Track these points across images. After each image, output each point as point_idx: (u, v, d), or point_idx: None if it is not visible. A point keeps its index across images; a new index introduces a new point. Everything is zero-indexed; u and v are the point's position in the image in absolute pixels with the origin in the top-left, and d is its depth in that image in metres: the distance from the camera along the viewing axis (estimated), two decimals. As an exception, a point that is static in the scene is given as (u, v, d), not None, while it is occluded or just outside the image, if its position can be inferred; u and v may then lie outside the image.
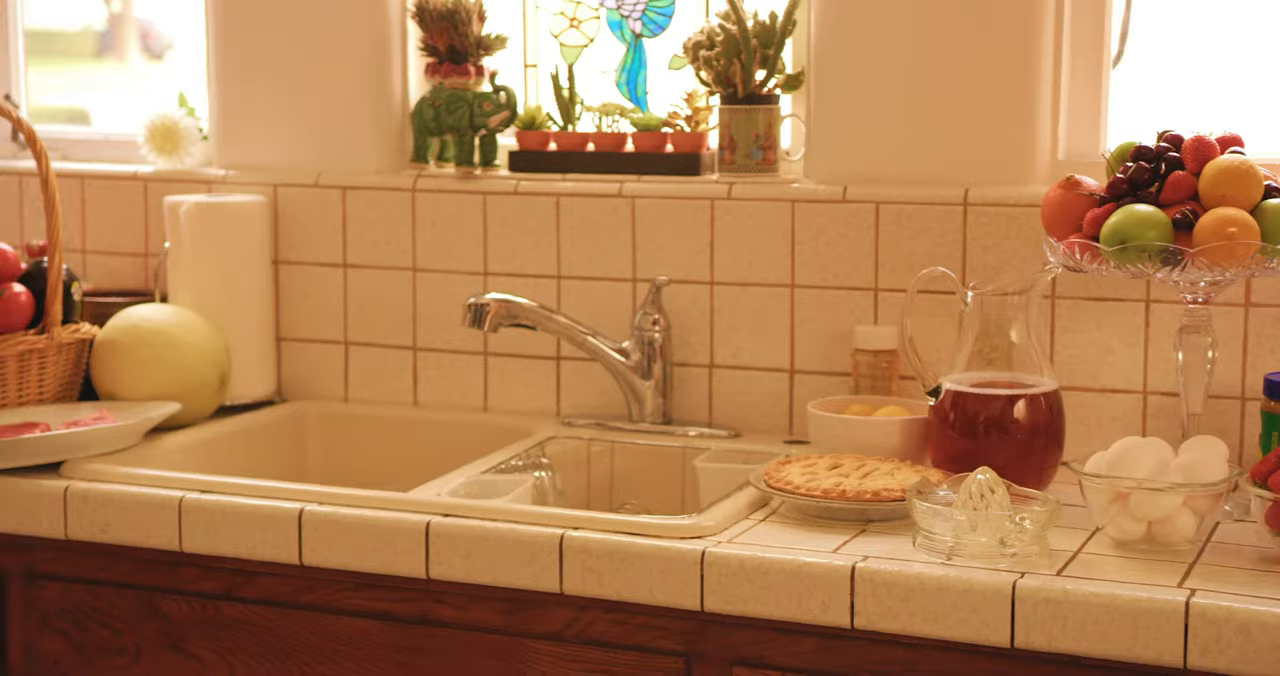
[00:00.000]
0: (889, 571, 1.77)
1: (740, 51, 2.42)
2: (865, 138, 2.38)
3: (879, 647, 1.80)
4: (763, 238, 2.42)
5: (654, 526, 1.90)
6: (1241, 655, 1.64)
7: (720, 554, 1.84)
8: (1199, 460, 1.85)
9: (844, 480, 2.00)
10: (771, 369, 2.44)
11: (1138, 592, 1.69)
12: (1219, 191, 1.91)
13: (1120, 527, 1.86)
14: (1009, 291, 2.09)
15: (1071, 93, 2.34)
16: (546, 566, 1.91)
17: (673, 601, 1.86)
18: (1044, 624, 1.71)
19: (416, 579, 1.98)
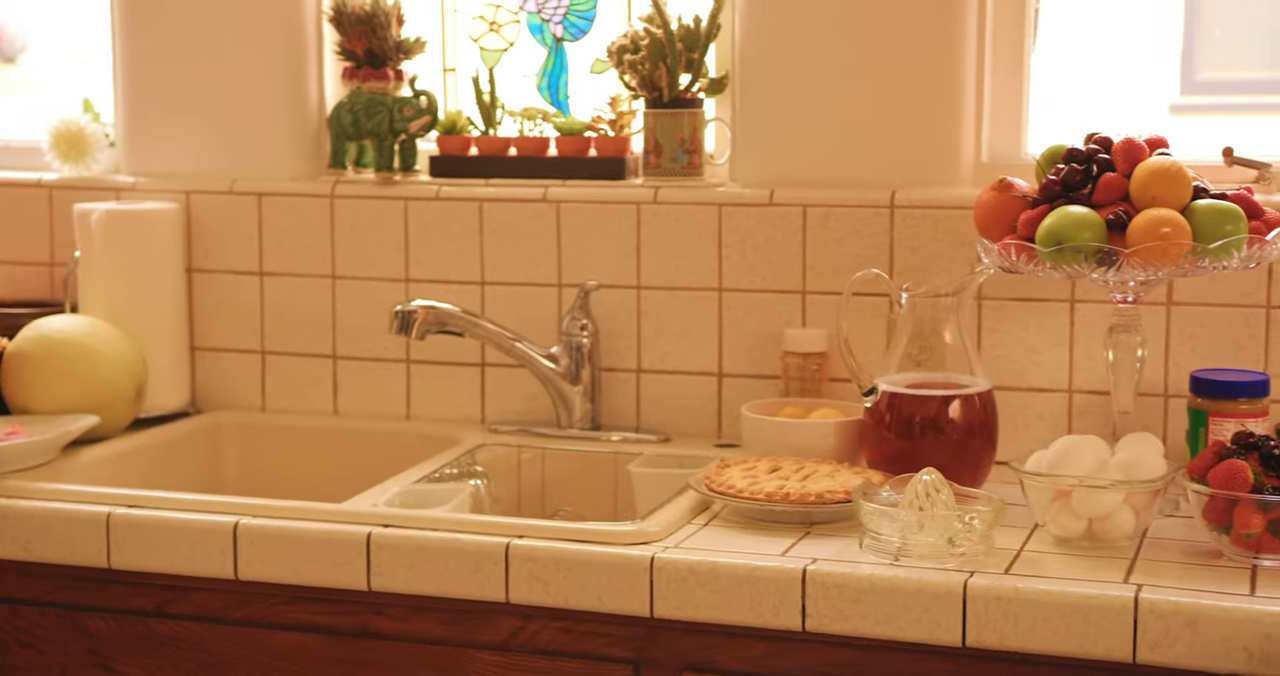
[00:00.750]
0: (840, 573, 1.77)
1: (666, 55, 2.42)
2: (791, 141, 2.39)
3: (830, 650, 1.80)
4: (690, 241, 2.42)
5: (600, 533, 1.89)
6: (1190, 649, 1.67)
7: (670, 559, 1.83)
8: (1137, 457, 1.88)
9: (786, 483, 2.00)
10: (699, 372, 2.44)
11: (1087, 589, 1.71)
12: (1150, 192, 1.94)
13: (1061, 525, 1.88)
14: (942, 293, 2.11)
15: (994, 96, 2.37)
16: (492, 575, 1.89)
17: (621, 608, 1.85)
18: (995, 622, 1.72)
19: (357, 591, 1.95)
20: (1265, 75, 2.55)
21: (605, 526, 1.91)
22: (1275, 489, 1.80)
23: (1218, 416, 2.05)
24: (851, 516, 1.97)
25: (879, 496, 1.89)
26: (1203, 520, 1.86)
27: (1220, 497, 1.81)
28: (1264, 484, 1.80)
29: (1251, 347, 2.21)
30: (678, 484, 2.17)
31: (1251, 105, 2.57)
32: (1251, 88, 2.57)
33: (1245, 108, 2.60)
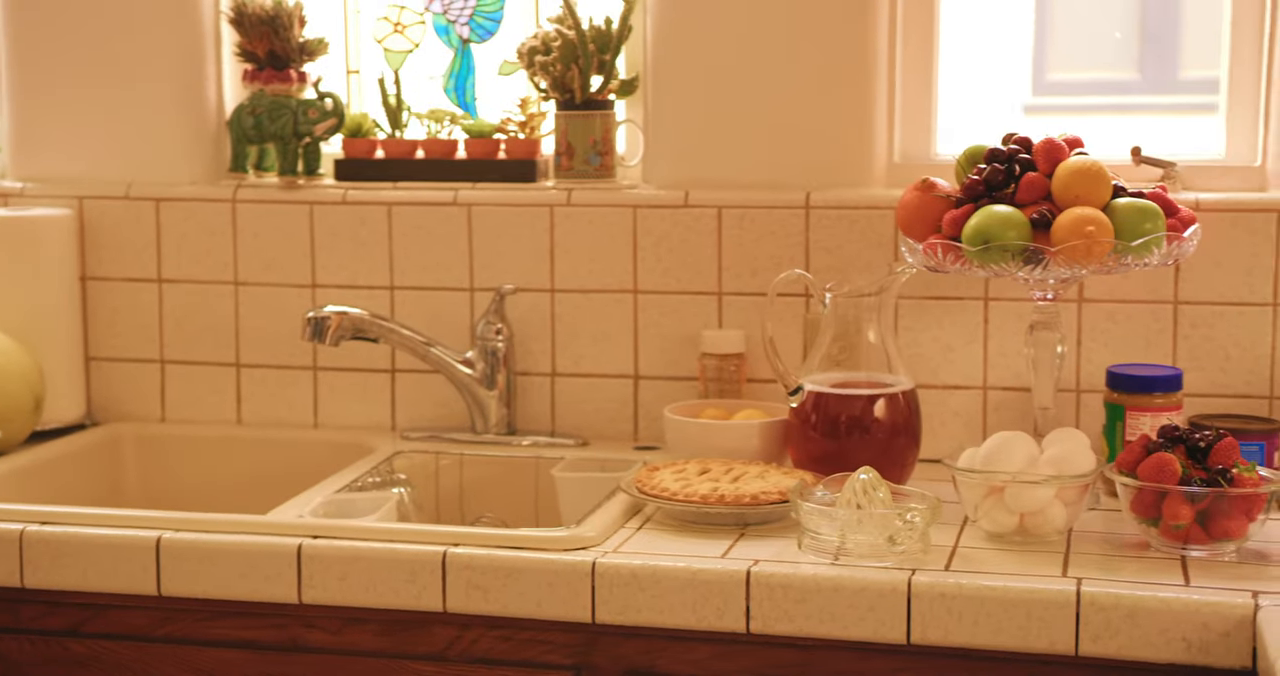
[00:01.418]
0: (784, 574, 1.78)
1: (578, 57, 2.40)
2: (705, 143, 2.39)
3: (774, 651, 1.80)
4: (604, 244, 2.41)
5: (536, 539, 1.87)
6: (1130, 640, 1.70)
7: (611, 564, 1.82)
8: (1067, 452, 1.90)
9: (718, 485, 2.00)
10: (615, 375, 2.43)
11: (1029, 584, 1.73)
12: (1073, 191, 1.97)
13: (994, 520, 1.90)
14: (865, 293, 2.12)
15: (904, 97, 2.39)
16: (428, 585, 1.86)
17: (562, 614, 1.83)
18: (939, 619, 1.74)
19: (286, 604, 1.91)
20: (1111, 76, 2.61)
21: (541, 532, 1.90)
22: (1203, 481, 1.83)
23: (1134, 410, 2.09)
24: (785, 517, 1.97)
25: (814, 496, 1.90)
26: (1131, 513, 1.89)
27: (1149, 490, 1.85)
28: (1191, 476, 1.84)
29: (1160, 342, 2.26)
30: (602, 488, 2.16)
31: (1099, 105, 2.62)
32: (1099, 88, 2.62)
33: (1093, 108, 2.66)
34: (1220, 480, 1.82)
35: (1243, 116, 2.31)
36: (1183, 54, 2.56)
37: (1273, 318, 2.23)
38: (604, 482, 2.18)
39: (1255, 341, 2.23)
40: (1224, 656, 1.68)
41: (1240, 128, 2.32)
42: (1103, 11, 2.50)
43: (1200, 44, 2.36)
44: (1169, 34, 2.52)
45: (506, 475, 2.34)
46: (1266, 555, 1.86)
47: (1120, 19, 2.54)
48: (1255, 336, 2.23)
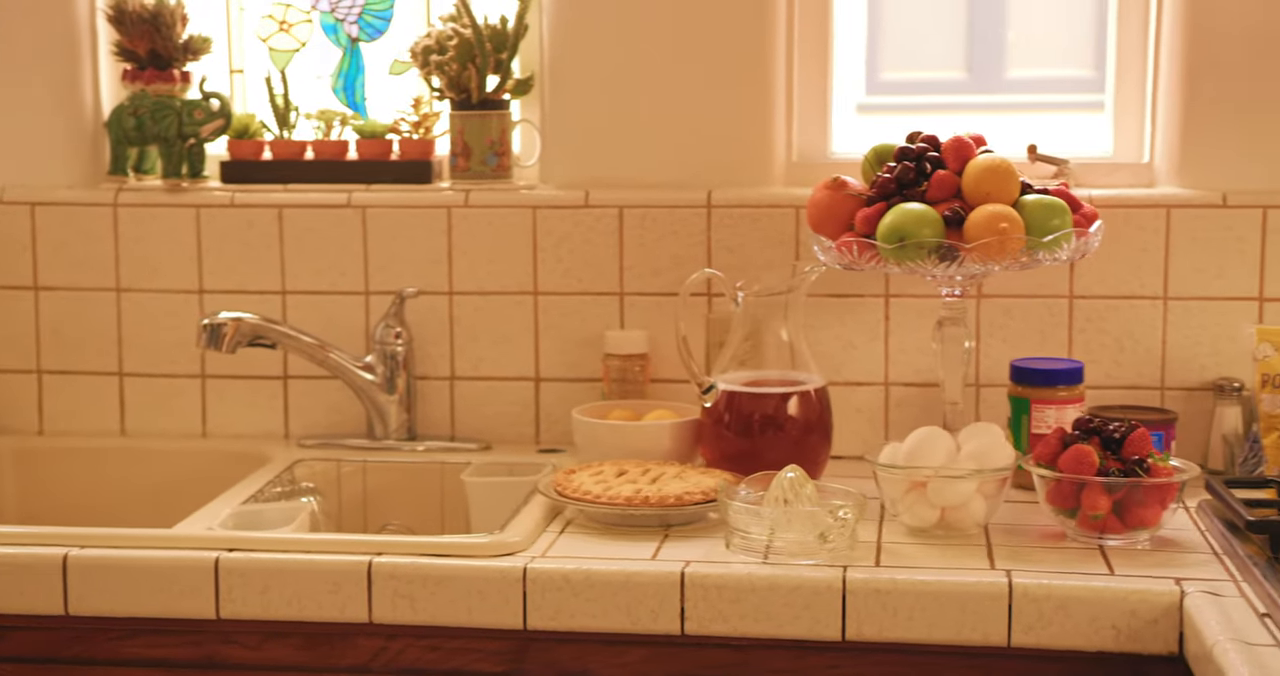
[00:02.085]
0: (719, 574, 1.77)
1: (475, 56, 2.37)
2: (604, 142, 2.38)
3: (708, 651, 1.80)
4: (503, 245, 2.38)
5: (463, 546, 1.84)
6: (1062, 630, 1.73)
7: (543, 569, 1.79)
8: (985, 446, 1.93)
9: (638, 486, 1.99)
10: (516, 378, 2.41)
11: (962, 577, 1.75)
12: (984, 189, 2.00)
13: (916, 515, 1.92)
14: (777, 291, 2.13)
15: (801, 96, 2.40)
16: (353, 595, 1.82)
17: (493, 622, 1.81)
18: (874, 615, 1.75)
19: (203, 620, 1.85)
20: (941, 75, 2.67)
21: (467, 539, 1.87)
22: (1119, 471, 1.87)
23: (1039, 403, 2.13)
24: (706, 517, 1.97)
25: (738, 495, 1.90)
26: (1048, 504, 1.92)
27: (1068, 482, 1.88)
28: (1108, 467, 1.88)
29: (1056, 336, 2.30)
30: (513, 492, 2.13)
31: (930, 104, 2.68)
32: (930, 88, 2.68)
33: (924, 107, 2.72)
34: (1138, 470, 1.86)
35: (1129, 115, 2.37)
36: (1009, 54, 2.62)
37: (1163, 311, 2.28)
38: (514, 487, 2.16)
39: (1146, 333, 2.29)
40: (1151, 643, 1.72)
41: (1127, 126, 2.37)
42: (932, 12, 2.54)
43: (1026, 44, 2.41)
44: (995, 35, 2.57)
45: (410, 481, 2.31)
46: (1178, 542, 1.90)
47: (949, 20, 2.60)
48: (1147, 329, 2.29)
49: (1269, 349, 2.12)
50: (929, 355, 2.30)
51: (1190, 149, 2.28)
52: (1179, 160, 2.29)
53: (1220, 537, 1.91)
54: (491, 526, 2.10)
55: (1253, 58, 2.24)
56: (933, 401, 2.31)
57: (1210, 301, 2.28)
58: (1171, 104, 2.30)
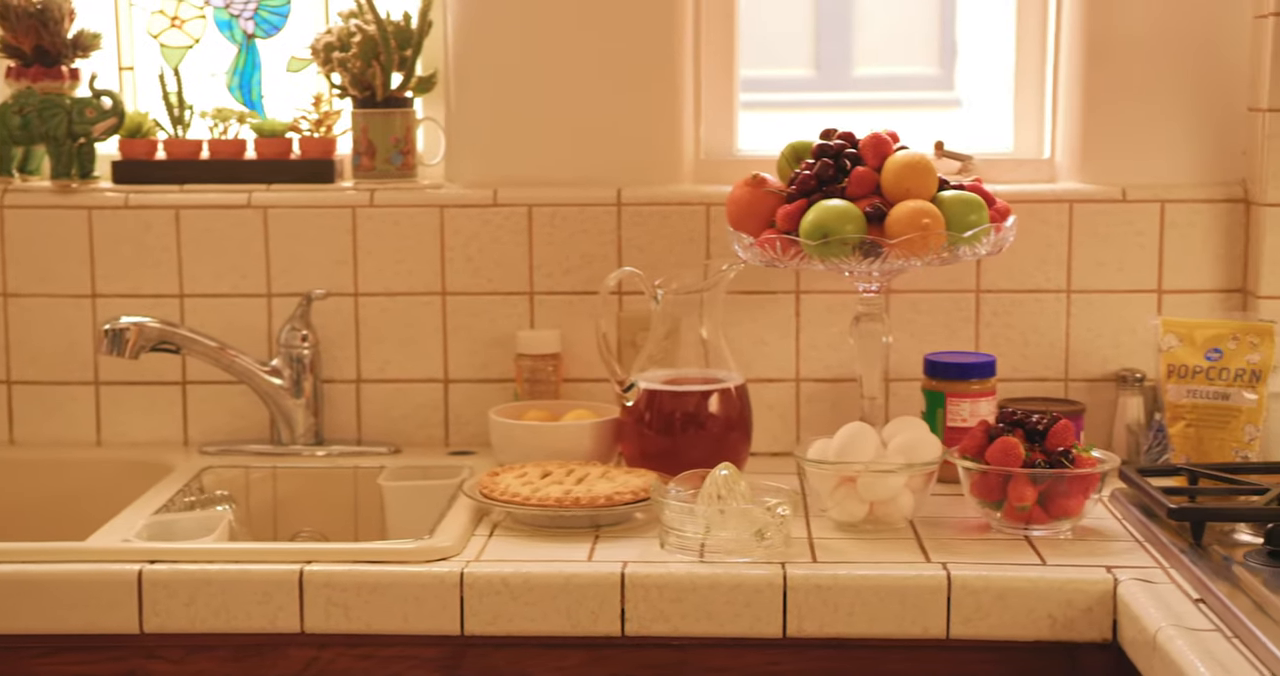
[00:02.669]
0: (659, 574, 1.76)
1: (379, 53, 2.33)
2: (511, 140, 2.35)
3: (648, 652, 1.79)
4: (410, 245, 2.35)
5: (396, 552, 1.81)
6: (999, 621, 1.75)
7: (481, 573, 1.77)
8: (912, 441, 1.95)
9: (564, 486, 1.97)
10: (424, 380, 2.37)
11: (901, 571, 1.76)
12: (904, 185, 2.02)
13: (845, 510, 1.93)
14: (697, 289, 2.13)
15: (708, 94, 2.40)
16: (284, 605, 1.78)
17: (429, 628, 1.78)
18: (815, 611, 1.75)
19: (126, 635, 1.80)
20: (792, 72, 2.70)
21: (399, 545, 1.83)
22: (1045, 462, 1.90)
23: (954, 397, 2.15)
24: (632, 517, 1.96)
25: (669, 494, 1.89)
26: (974, 496, 1.95)
27: (994, 473, 1.90)
28: (1034, 459, 1.90)
29: (964, 330, 2.33)
30: (431, 496, 2.11)
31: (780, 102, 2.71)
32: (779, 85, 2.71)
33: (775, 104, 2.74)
34: (1064, 461, 1.89)
35: (1029, 111, 2.41)
36: (855, 52, 2.65)
37: (1066, 304, 2.33)
38: (433, 491, 2.13)
39: (1051, 327, 2.33)
40: (1086, 631, 1.74)
41: (1027, 122, 2.41)
42: (780, 10, 2.56)
43: (872, 43, 2.44)
44: (842, 33, 2.60)
45: (321, 487, 2.26)
46: (1100, 531, 1.94)
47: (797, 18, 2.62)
48: (1051, 322, 2.33)
49: (1174, 340, 2.16)
50: (839, 351, 2.33)
51: (1090, 145, 2.33)
52: (1079, 156, 2.34)
53: (1139, 525, 1.95)
54: (410, 531, 2.07)
55: (1150, 54, 2.29)
56: (844, 397, 2.33)
57: (1111, 294, 2.32)
58: (1072, 101, 2.34)
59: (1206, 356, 2.14)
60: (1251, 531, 1.88)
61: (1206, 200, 2.31)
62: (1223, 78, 2.30)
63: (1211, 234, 2.31)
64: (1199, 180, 2.32)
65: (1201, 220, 2.31)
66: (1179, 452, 2.14)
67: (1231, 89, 2.30)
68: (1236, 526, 1.89)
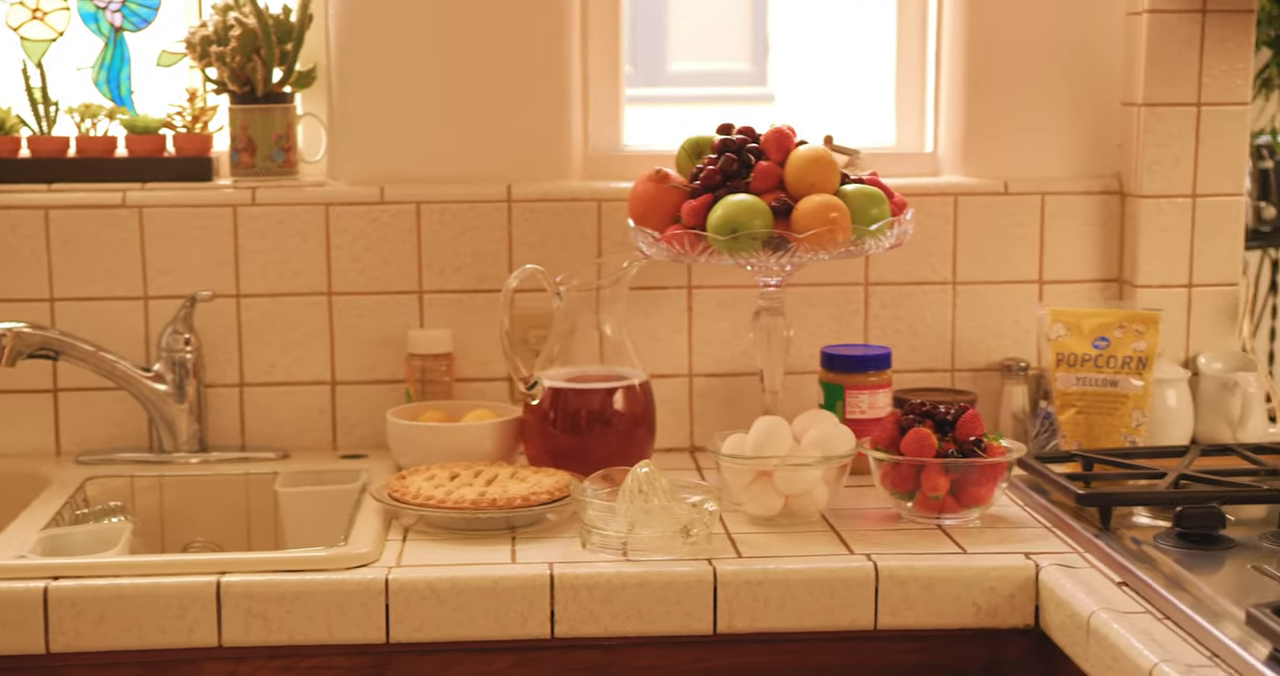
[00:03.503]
0: (589, 574, 1.74)
1: (259, 47, 2.26)
2: (397, 136, 2.30)
3: (577, 653, 1.77)
4: (294, 244, 2.29)
5: (314, 560, 1.76)
6: (926, 610, 1.77)
7: (406, 579, 1.73)
8: (825, 434, 1.96)
9: (481, 489, 1.94)
10: (310, 382, 2.31)
11: (831, 564, 1.77)
12: (809, 179, 2.03)
13: (761, 504, 1.93)
14: (601, 285, 2.11)
15: (595, 89, 2.38)
16: (201, 619, 1.71)
17: (353, 637, 1.73)
18: (745, 606, 1.75)
19: (29, 656, 1.71)
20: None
21: (316, 553, 1.78)
22: (955, 453, 1.92)
23: (853, 389, 2.17)
24: (545, 517, 1.93)
25: (587, 493, 1.87)
26: (885, 487, 1.96)
27: (907, 464, 1.92)
28: (945, 448, 1.93)
29: (853, 323, 2.36)
30: (329, 502, 2.07)
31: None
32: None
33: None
34: (976, 450, 1.92)
35: (911, 106, 2.44)
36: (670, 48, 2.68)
37: (952, 295, 2.36)
38: (331, 496, 2.08)
39: (937, 318, 2.36)
40: (1009, 617, 1.77)
41: (909, 116, 2.44)
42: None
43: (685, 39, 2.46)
44: (657, 30, 2.63)
45: (211, 495, 2.19)
46: (1007, 518, 1.97)
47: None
48: (937, 313, 2.36)
49: (1062, 329, 2.21)
50: (731, 346, 2.33)
51: (972, 139, 2.37)
52: (961, 150, 2.38)
53: (1043, 511, 1.99)
54: (310, 538, 2.03)
55: (1029, 50, 2.34)
56: (737, 392, 2.34)
57: (995, 285, 2.37)
58: (954, 96, 2.38)
59: (1094, 344, 2.19)
60: (1150, 514, 1.93)
61: (1084, 192, 2.36)
62: (1097, 73, 2.36)
63: (1089, 225, 2.37)
64: (1076, 173, 2.37)
65: (1080, 212, 2.36)
66: (1070, 439, 2.19)
67: (1106, 84, 2.36)
68: (1134, 510, 1.94)
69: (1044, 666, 1.77)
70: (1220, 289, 2.34)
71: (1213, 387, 2.29)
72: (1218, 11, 2.27)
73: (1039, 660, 1.78)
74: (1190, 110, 2.30)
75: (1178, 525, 1.81)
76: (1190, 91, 2.29)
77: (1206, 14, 2.27)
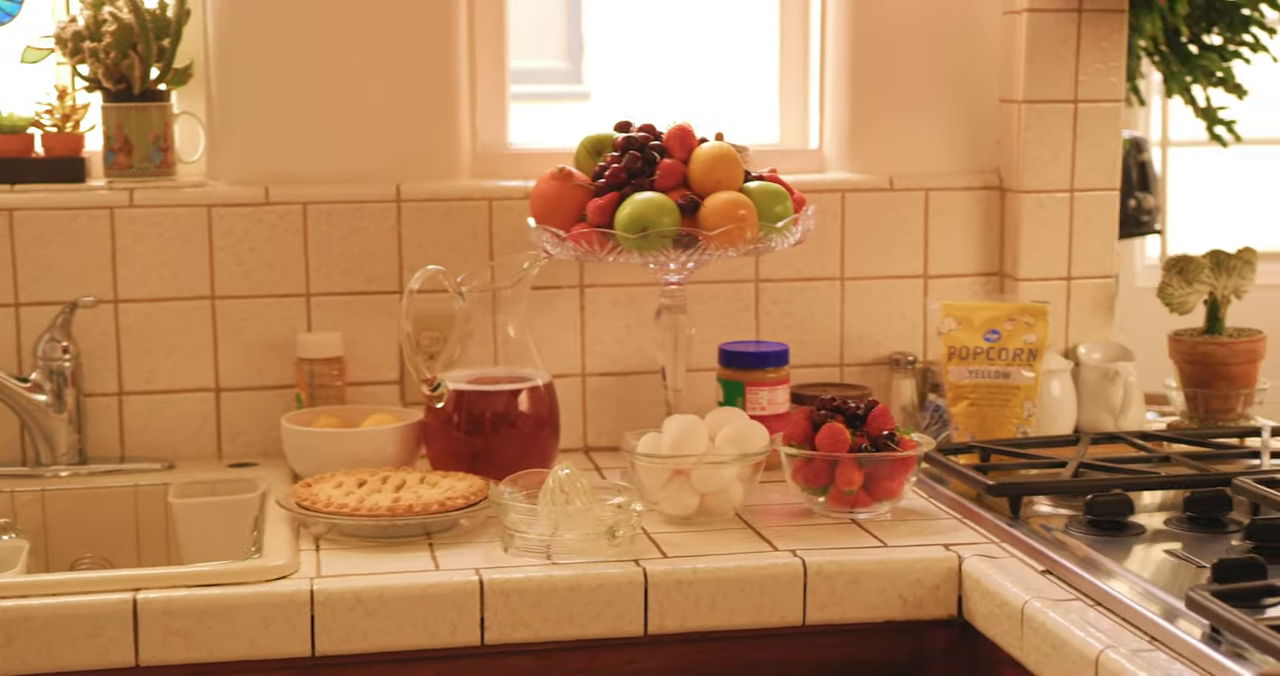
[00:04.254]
0: (520, 579, 1.72)
1: (136, 43, 2.18)
2: (280, 135, 2.24)
3: (507, 659, 1.74)
4: (175, 247, 2.21)
5: (231, 573, 1.70)
6: (853, 605, 1.78)
7: (333, 590, 1.68)
8: (739, 432, 1.95)
9: (393, 494, 1.90)
10: (194, 389, 2.24)
11: (758, 561, 1.77)
12: (714, 177, 2.02)
13: (677, 503, 1.92)
14: (504, 286, 2.08)
15: (481, 88, 2.35)
16: (117, 637, 1.64)
17: (277, 651, 1.68)
18: (676, 606, 1.74)
19: (-69, 684, 1.63)
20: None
21: (233, 565, 1.73)
22: (869, 447, 1.94)
23: (753, 386, 2.18)
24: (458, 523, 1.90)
25: (506, 496, 1.84)
26: (797, 482, 1.97)
27: (821, 459, 1.93)
28: (859, 443, 1.94)
29: (744, 319, 2.36)
30: (226, 513, 2.01)
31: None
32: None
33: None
34: (890, 444, 1.94)
35: (794, 103, 2.46)
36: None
37: (840, 291, 2.38)
38: (228, 507, 2.02)
39: (826, 313, 2.38)
40: (933, 608, 1.79)
41: (792, 113, 2.46)
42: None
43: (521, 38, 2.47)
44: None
45: (98, 509, 2.10)
46: (916, 511, 1.99)
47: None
48: (826, 309, 2.38)
49: (953, 323, 2.24)
50: (625, 344, 2.32)
51: (858, 136, 2.39)
52: (847, 147, 2.40)
53: (949, 502, 2.01)
54: (209, 551, 1.98)
55: (912, 48, 2.37)
56: (630, 391, 2.33)
57: (881, 280, 2.40)
58: (839, 92, 2.40)
59: (985, 337, 2.22)
60: (1051, 503, 1.97)
61: (965, 188, 2.40)
62: (977, 71, 2.40)
63: (971, 220, 2.41)
64: (958, 168, 2.41)
65: (962, 207, 2.40)
66: (963, 431, 2.22)
67: (985, 82, 2.40)
68: (1035, 499, 1.98)
69: (967, 655, 1.80)
70: (1097, 281, 2.41)
71: (1094, 377, 2.34)
72: (1093, 11, 2.33)
73: (962, 649, 1.80)
74: (1068, 107, 2.35)
75: (1089, 513, 1.85)
76: (1067, 89, 2.35)
77: (1082, 13, 2.33)
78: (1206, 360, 2.33)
